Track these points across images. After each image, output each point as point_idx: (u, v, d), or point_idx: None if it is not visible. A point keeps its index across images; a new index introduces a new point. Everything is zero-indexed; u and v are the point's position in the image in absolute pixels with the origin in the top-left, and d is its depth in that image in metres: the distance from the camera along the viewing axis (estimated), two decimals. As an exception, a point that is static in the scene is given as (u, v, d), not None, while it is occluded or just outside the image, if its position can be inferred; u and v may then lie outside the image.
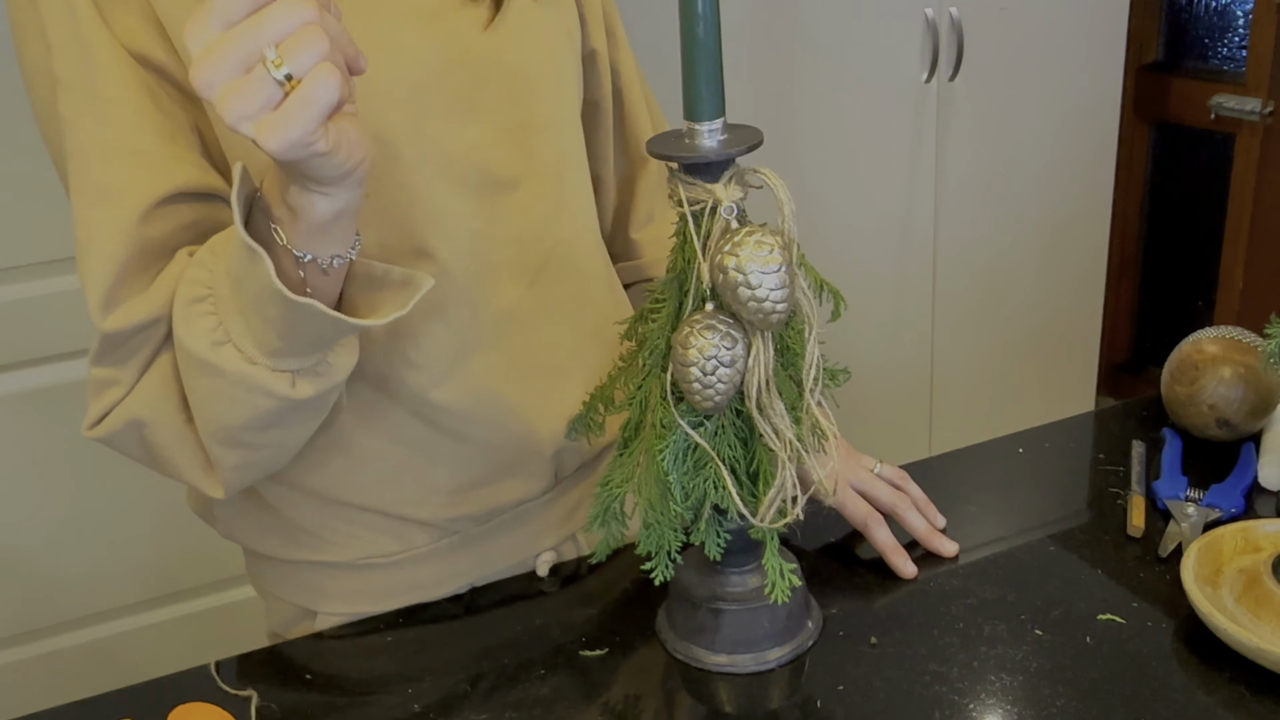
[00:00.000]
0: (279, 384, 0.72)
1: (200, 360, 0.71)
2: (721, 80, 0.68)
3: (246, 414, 0.73)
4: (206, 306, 0.71)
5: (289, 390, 0.72)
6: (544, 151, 0.86)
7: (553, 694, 0.80)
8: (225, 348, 0.71)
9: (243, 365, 0.71)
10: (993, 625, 0.83)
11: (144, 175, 0.73)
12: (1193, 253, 2.65)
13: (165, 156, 0.74)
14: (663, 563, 0.77)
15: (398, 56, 0.78)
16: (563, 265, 0.89)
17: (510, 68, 0.83)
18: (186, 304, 0.72)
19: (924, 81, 2.09)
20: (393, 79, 0.78)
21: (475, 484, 0.89)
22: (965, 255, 2.27)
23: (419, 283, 0.73)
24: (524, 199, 0.86)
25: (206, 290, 0.71)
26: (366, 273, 0.74)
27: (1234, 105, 2.37)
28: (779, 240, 0.68)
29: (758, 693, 0.79)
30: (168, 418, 0.77)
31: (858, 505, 0.92)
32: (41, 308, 1.64)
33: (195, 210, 0.76)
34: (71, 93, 0.73)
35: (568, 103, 0.90)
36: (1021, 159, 2.25)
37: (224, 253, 0.71)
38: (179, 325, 0.72)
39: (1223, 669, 0.77)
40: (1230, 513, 0.93)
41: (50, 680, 1.82)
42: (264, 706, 0.81)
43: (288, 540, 0.90)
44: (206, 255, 0.73)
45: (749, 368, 0.71)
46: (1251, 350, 1.01)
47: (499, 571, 0.94)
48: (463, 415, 0.86)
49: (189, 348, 0.72)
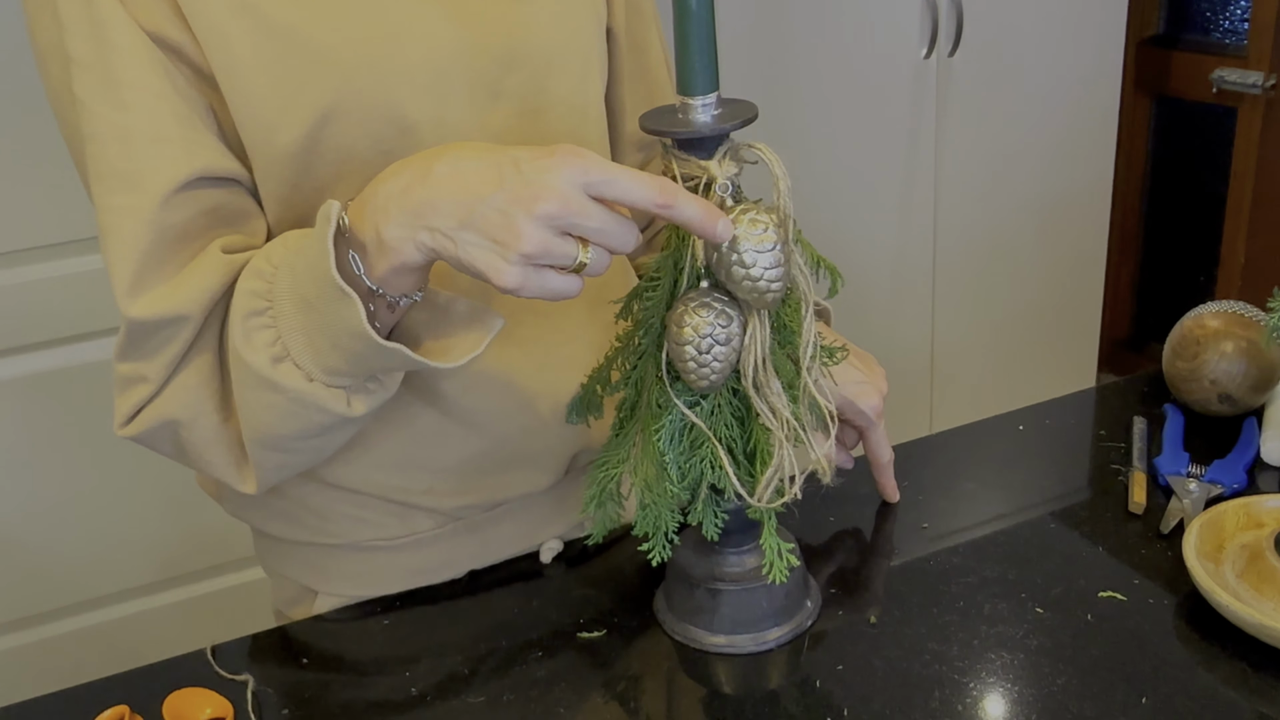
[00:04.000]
0: (336, 402, 0.72)
1: (259, 375, 0.71)
2: (715, 53, 0.67)
3: (299, 426, 0.74)
4: (265, 320, 0.71)
5: (345, 409, 0.73)
6: (565, 138, 0.85)
7: (550, 676, 0.79)
8: (284, 364, 0.71)
9: (301, 383, 0.71)
10: (993, 603, 0.83)
11: (165, 160, 0.72)
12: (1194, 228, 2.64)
13: (185, 141, 0.73)
14: (660, 543, 0.76)
15: (421, 41, 0.77)
16: None
17: (534, 51, 0.82)
18: (245, 316, 0.71)
19: (923, 58, 2.07)
20: (415, 64, 0.76)
21: (484, 473, 0.89)
22: (965, 231, 2.26)
23: (489, 322, 0.73)
24: None
25: (265, 303, 0.71)
26: (430, 300, 0.74)
27: (1236, 79, 2.36)
28: (774, 218, 0.67)
29: (756, 673, 0.79)
30: (205, 419, 0.76)
31: (877, 407, 0.92)
32: (44, 292, 1.63)
33: (217, 194, 0.75)
34: (87, 73, 0.72)
35: (591, 86, 0.87)
36: (1021, 135, 2.24)
37: (288, 269, 0.70)
38: (236, 337, 0.72)
39: (1225, 645, 0.77)
40: (1232, 488, 0.92)
41: (50, 666, 1.82)
42: (260, 690, 0.80)
43: (292, 521, 0.90)
44: (264, 265, 0.72)
45: (745, 346, 0.71)
46: (1254, 325, 1.01)
47: (502, 556, 0.94)
48: (475, 406, 0.85)
49: (248, 361, 0.71)
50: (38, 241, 1.62)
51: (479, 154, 0.65)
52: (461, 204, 0.64)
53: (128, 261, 0.72)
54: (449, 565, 0.92)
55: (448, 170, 0.65)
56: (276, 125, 0.74)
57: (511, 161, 0.64)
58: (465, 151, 0.66)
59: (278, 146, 0.74)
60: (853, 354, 0.91)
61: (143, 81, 0.72)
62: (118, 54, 0.71)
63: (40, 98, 0.81)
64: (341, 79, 0.74)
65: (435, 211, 0.65)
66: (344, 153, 0.76)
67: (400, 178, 0.67)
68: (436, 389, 0.83)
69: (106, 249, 0.73)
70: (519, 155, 0.64)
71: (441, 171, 0.65)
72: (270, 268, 0.72)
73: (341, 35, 0.74)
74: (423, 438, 0.85)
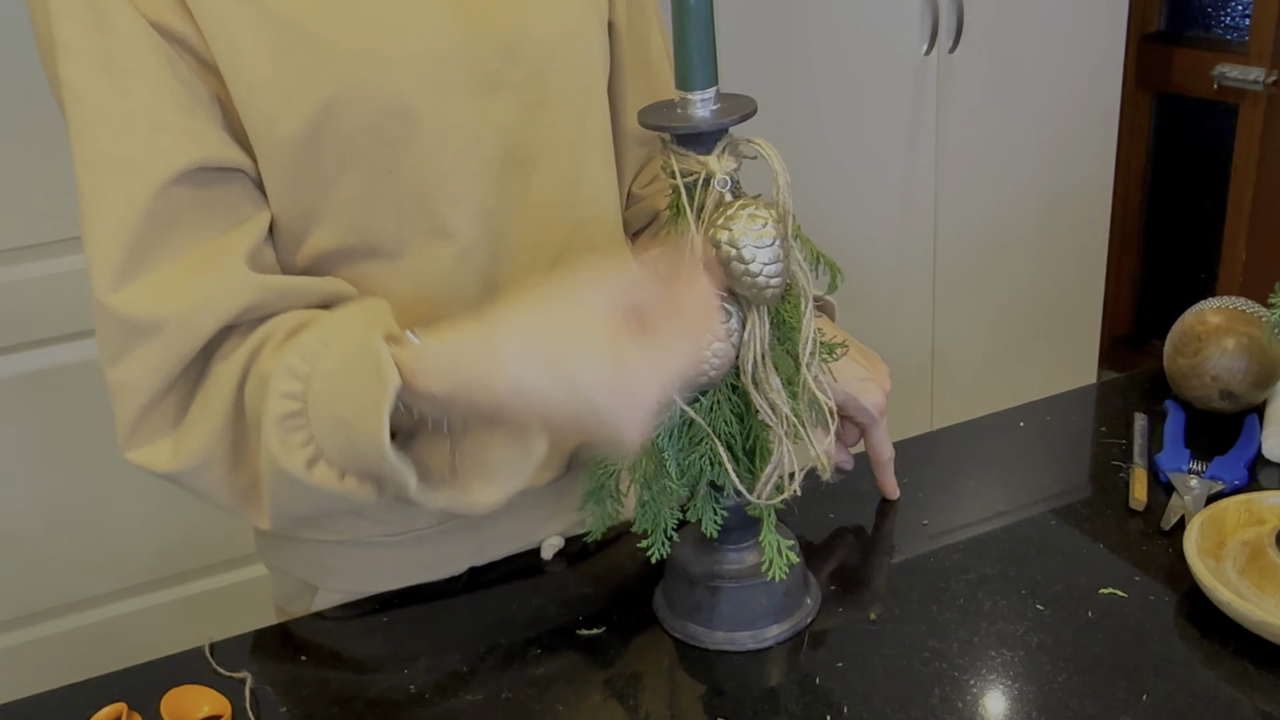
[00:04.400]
0: (366, 495, 0.72)
1: (292, 479, 0.70)
2: (714, 48, 0.67)
3: (329, 508, 0.74)
4: (299, 421, 0.70)
5: (372, 499, 0.72)
6: (566, 131, 0.84)
7: (550, 674, 0.79)
8: (318, 466, 0.70)
9: (334, 483, 0.71)
10: (993, 601, 0.82)
11: (162, 147, 0.71)
12: (1195, 224, 2.63)
13: (184, 129, 0.72)
14: (659, 540, 0.76)
15: (423, 32, 0.76)
16: (583, 247, 0.87)
17: (536, 43, 0.81)
18: (278, 419, 0.69)
19: (924, 54, 2.07)
20: (417, 55, 0.76)
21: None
22: (966, 228, 2.26)
23: (532, 448, 0.71)
24: (543, 179, 0.84)
25: (298, 405, 0.69)
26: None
27: (1237, 75, 2.35)
28: (773, 213, 0.67)
29: (756, 670, 0.78)
30: (210, 469, 0.75)
31: (880, 404, 0.91)
32: (42, 290, 1.63)
33: (216, 186, 0.74)
34: (78, 58, 0.71)
35: (593, 79, 0.87)
36: (1022, 131, 2.23)
37: (324, 381, 0.68)
38: (271, 438, 0.70)
39: (1226, 643, 0.76)
40: (1234, 485, 0.92)
41: (50, 664, 1.82)
42: (258, 688, 0.80)
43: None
44: (299, 364, 0.70)
45: (744, 342, 0.70)
46: (1255, 320, 1.00)
47: (503, 553, 0.94)
48: None
49: (282, 465, 0.70)
50: (38, 239, 1.62)
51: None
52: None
53: (116, 246, 0.70)
54: (449, 561, 0.92)
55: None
56: (278, 115, 0.74)
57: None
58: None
59: (280, 136, 0.74)
60: (856, 350, 0.91)
61: (143, 69, 0.71)
62: (118, 40, 0.71)
63: (40, 93, 0.81)
64: (343, 70, 0.74)
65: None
66: (346, 144, 0.76)
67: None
68: None
69: (89, 230, 0.71)
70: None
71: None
72: (306, 367, 0.69)
73: (343, 26, 0.74)
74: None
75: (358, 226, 0.79)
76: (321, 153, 0.75)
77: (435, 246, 0.80)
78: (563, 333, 0.63)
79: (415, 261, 0.80)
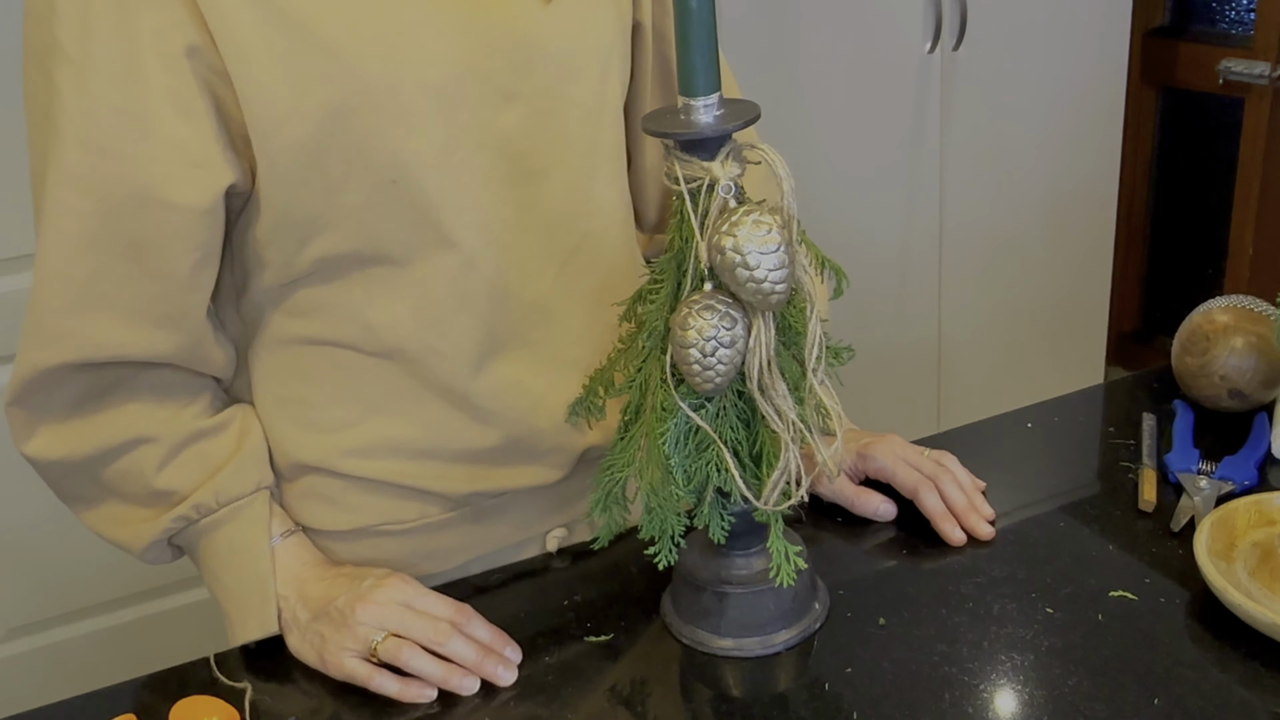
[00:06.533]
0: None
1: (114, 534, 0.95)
2: (717, 53, 0.67)
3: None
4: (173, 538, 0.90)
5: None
6: (578, 141, 0.84)
7: (557, 680, 0.79)
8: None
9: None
10: (1002, 603, 0.82)
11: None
12: (1202, 220, 2.62)
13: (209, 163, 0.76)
14: (666, 547, 0.76)
15: (434, 40, 0.76)
16: (590, 258, 0.87)
17: (551, 53, 0.80)
18: (159, 530, 0.90)
19: (927, 52, 2.06)
20: (427, 63, 0.76)
21: (495, 465, 0.89)
22: (971, 226, 2.25)
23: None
24: (553, 189, 0.83)
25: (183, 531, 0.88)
26: None
27: (1242, 69, 2.34)
28: (777, 219, 0.66)
29: (765, 676, 0.78)
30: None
31: (909, 473, 0.93)
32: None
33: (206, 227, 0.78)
34: (68, 67, 0.72)
35: (610, 90, 0.86)
36: (1027, 128, 2.22)
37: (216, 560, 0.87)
38: (135, 516, 0.92)
39: (1238, 645, 0.76)
40: (1243, 485, 0.92)
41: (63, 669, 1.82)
42: (259, 699, 0.80)
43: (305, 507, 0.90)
44: (191, 513, 0.87)
45: (749, 348, 0.70)
46: (1263, 319, 1.00)
47: (511, 545, 0.94)
48: (487, 405, 0.85)
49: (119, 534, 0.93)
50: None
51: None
52: None
53: (65, 281, 0.80)
54: (457, 551, 0.92)
55: None
56: (286, 117, 0.74)
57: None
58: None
59: (287, 138, 0.74)
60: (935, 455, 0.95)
61: (154, 104, 0.73)
62: (137, 81, 0.72)
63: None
64: (352, 75, 0.74)
65: None
66: (353, 150, 0.75)
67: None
68: (449, 385, 0.84)
69: (43, 254, 0.79)
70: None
71: None
72: (198, 517, 0.86)
73: (353, 32, 0.74)
74: (438, 429, 0.86)
75: (365, 233, 0.79)
76: (329, 157, 0.75)
77: (442, 255, 0.80)
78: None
79: (422, 269, 0.80)
